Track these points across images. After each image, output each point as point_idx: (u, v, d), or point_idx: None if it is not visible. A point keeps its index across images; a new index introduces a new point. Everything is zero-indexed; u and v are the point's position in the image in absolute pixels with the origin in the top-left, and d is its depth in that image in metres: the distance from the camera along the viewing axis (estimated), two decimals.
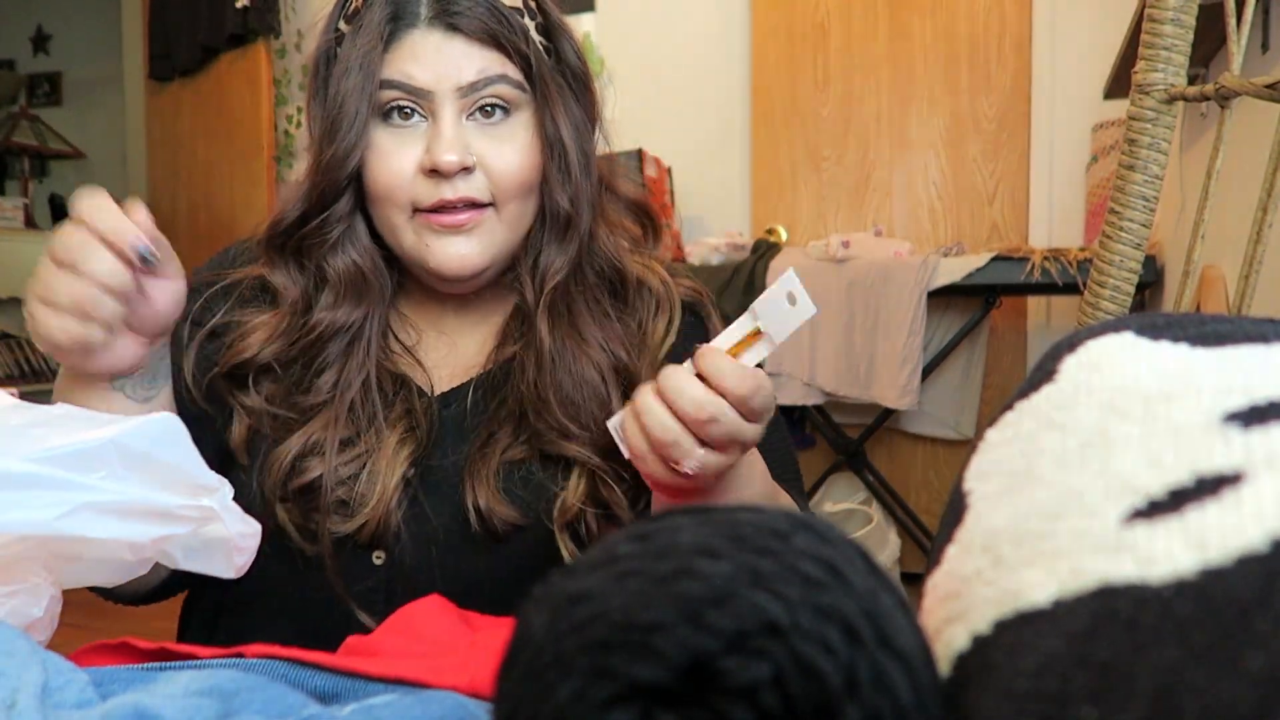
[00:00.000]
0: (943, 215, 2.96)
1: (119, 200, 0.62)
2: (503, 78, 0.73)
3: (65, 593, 0.51)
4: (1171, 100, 0.77)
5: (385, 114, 0.74)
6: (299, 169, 0.87)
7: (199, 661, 0.50)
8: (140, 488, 0.47)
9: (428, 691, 0.44)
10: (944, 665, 0.28)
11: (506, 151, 0.74)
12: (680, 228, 3.06)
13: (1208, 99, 0.74)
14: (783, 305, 0.62)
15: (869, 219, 3.03)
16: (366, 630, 0.75)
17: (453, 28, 0.72)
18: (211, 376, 0.78)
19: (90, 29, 4.96)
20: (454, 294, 0.81)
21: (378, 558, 0.74)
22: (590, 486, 0.75)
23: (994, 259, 2.41)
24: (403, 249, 0.76)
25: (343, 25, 0.76)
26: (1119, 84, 2.27)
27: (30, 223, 4.13)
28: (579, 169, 0.76)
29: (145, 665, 0.49)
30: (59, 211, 4.56)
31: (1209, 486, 0.24)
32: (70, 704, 0.37)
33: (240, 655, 0.49)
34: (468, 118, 0.74)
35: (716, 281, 2.60)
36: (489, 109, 0.74)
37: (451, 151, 0.71)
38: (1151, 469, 0.26)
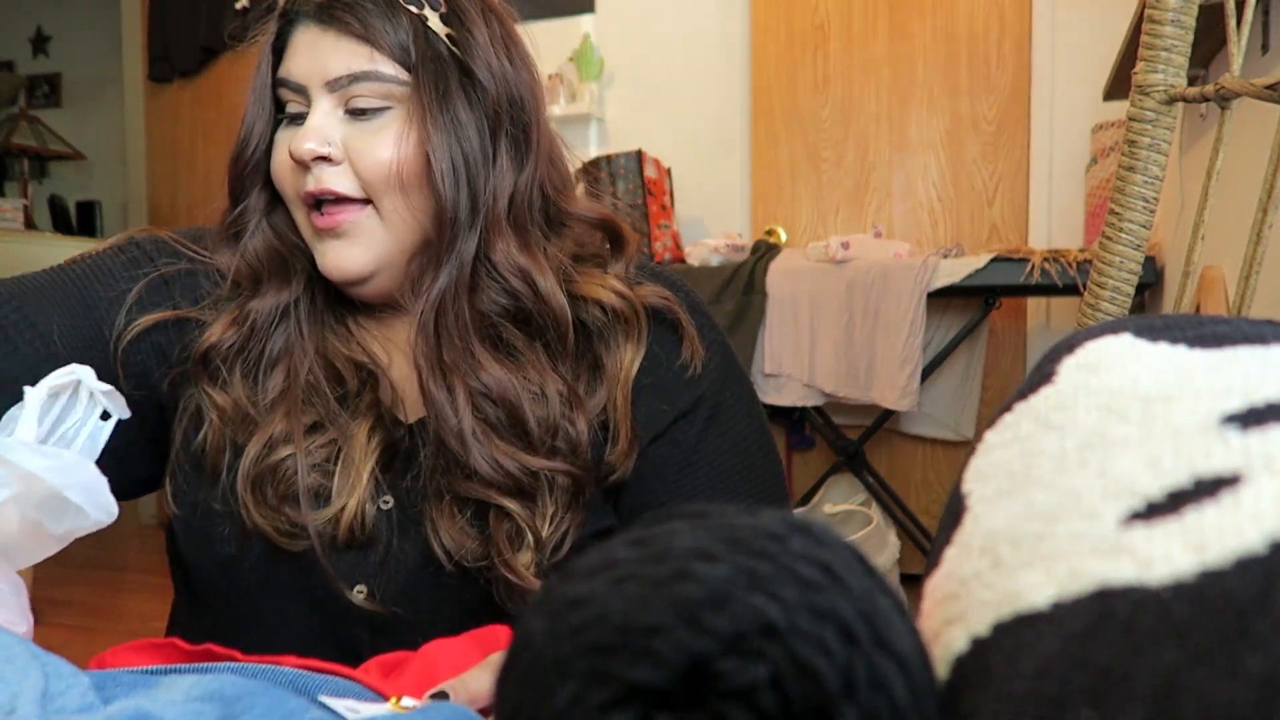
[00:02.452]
0: (942, 216, 2.96)
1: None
2: (370, 74, 0.71)
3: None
4: (1171, 101, 0.77)
5: (290, 115, 0.75)
6: None
7: (204, 666, 0.50)
8: None
9: (430, 704, 0.44)
10: (942, 667, 0.27)
11: (372, 144, 0.72)
12: (680, 228, 3.06)
13: (1208, 100, 0.74)
14: None
15: (869, 220, 3.03)
16: (350, 661, 0.74)
17: (325, 23, 0.72)
18: (181, 369, 0.76)
19: (90, 30, 4.96)
20: (400, 306, 0.78)
21: (359, 592, 0.73)
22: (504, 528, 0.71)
23: (994, 260, 2.41)
24: (310, 250, 0.76)
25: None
26: (1119, 85, 2.27)
27: (30, 224, 4.12)
28: (453, 178, 0.72)
29: (149, 669, 0.48)
30: (59, 213, 4.56)
31: (1207, 488, 0.24)
32: (71, 709, 0.37)
33: (277, 665, 0.49)
34: (346, 111, 0.73)
35: (716, 282, 2.60)
36: (361, 107, 0.72)
37: (306, 140, 0.71)
38: (1150, 471, 0.26)
